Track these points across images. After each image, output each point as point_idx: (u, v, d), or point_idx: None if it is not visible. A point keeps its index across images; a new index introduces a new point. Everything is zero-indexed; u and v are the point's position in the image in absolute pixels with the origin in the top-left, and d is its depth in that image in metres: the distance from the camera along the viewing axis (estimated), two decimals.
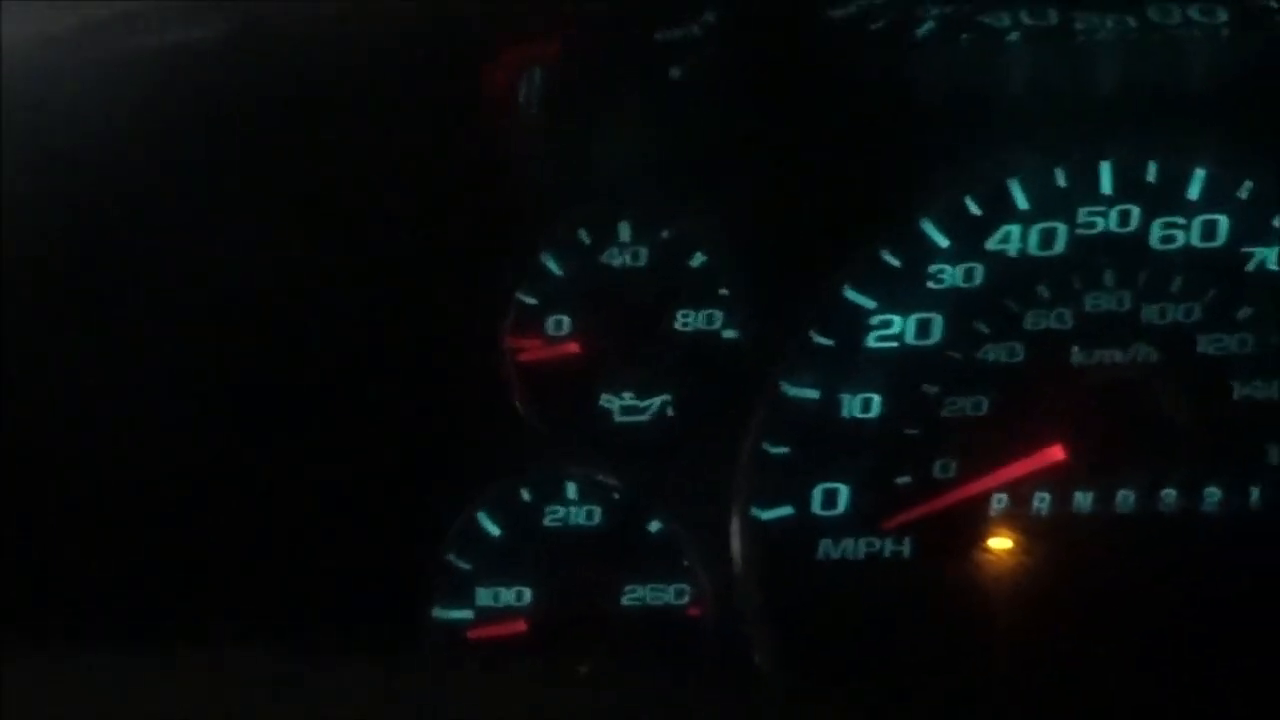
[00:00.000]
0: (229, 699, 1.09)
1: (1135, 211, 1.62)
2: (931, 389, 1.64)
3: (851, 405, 1.66)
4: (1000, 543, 1.62)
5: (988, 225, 1.65)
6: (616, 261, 1.74)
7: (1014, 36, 1.58)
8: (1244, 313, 1.59)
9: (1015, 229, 1.65)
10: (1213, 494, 1.57)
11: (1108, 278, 1.62)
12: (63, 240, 1.49)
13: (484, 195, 1.70)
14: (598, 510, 1.74)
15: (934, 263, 1.66)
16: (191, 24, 1.42)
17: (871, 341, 1.67)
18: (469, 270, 1.73)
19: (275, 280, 1.63)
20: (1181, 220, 1.61)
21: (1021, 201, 1.65)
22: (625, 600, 1.72)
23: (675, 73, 1.64)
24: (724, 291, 1.72)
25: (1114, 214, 1.63)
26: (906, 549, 1.65)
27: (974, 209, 1.66)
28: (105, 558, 1.56)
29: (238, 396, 1.64)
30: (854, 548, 1.66)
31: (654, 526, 1.72)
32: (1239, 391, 1.58)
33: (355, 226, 1.66)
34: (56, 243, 1.49)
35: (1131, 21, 1.53)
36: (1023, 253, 1.64)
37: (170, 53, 1.44)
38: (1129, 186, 1.63)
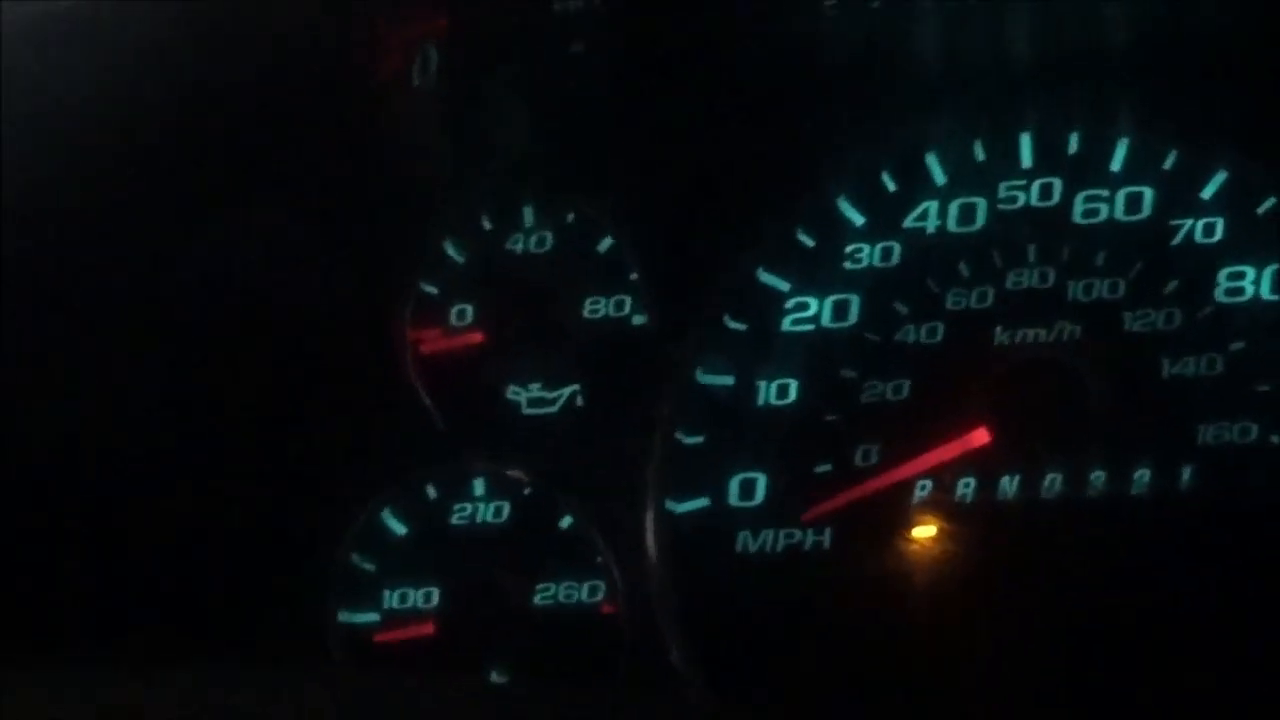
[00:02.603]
0: (132, 710, 1.07)
1: (1057, 184, 1.59)
2: (850, 373, 1.61)
3: (767, 392, 1.63)
4: (924, 531, 1.59)
5: (905, 201, 1.62)
6: (520, 247, 1.70)
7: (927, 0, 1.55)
8: (1171, 287, 1.55)
9: (933, 205, 1.61)
10: (1143, 476, 1.54)
11: (1030, 254, 1.58)
12: None
13: (380, 181, 1.66)
14: (506, 506, 1.69)
15: (850, 242, 1.62)
16: None
17: (787, 325, 1.63)
18: (366, 259, 1.68)
19: (165, 271, 1.60)
20: (1105, 193, 1.57)
21: (939, 176, 1.61)
22: (537, 599, 1.68)
23: (576, 46, 1.60)
24: (633, 276, 1.67)
25: (1035, 187, 1.59)
26: (827, 540, 1.60)
27: (890, 185, 1.62)
28: None
29: (126, 394, 1.60)
30: (773, 540, 1.62)
31: (565, 522, 1.67)
32: (1168, 369, 1.54)
33: (250, 217, 1.61)
34: None
35: None
36: (941, 229, 1.61)
37: None
38: (1050, 158, 1.59)
